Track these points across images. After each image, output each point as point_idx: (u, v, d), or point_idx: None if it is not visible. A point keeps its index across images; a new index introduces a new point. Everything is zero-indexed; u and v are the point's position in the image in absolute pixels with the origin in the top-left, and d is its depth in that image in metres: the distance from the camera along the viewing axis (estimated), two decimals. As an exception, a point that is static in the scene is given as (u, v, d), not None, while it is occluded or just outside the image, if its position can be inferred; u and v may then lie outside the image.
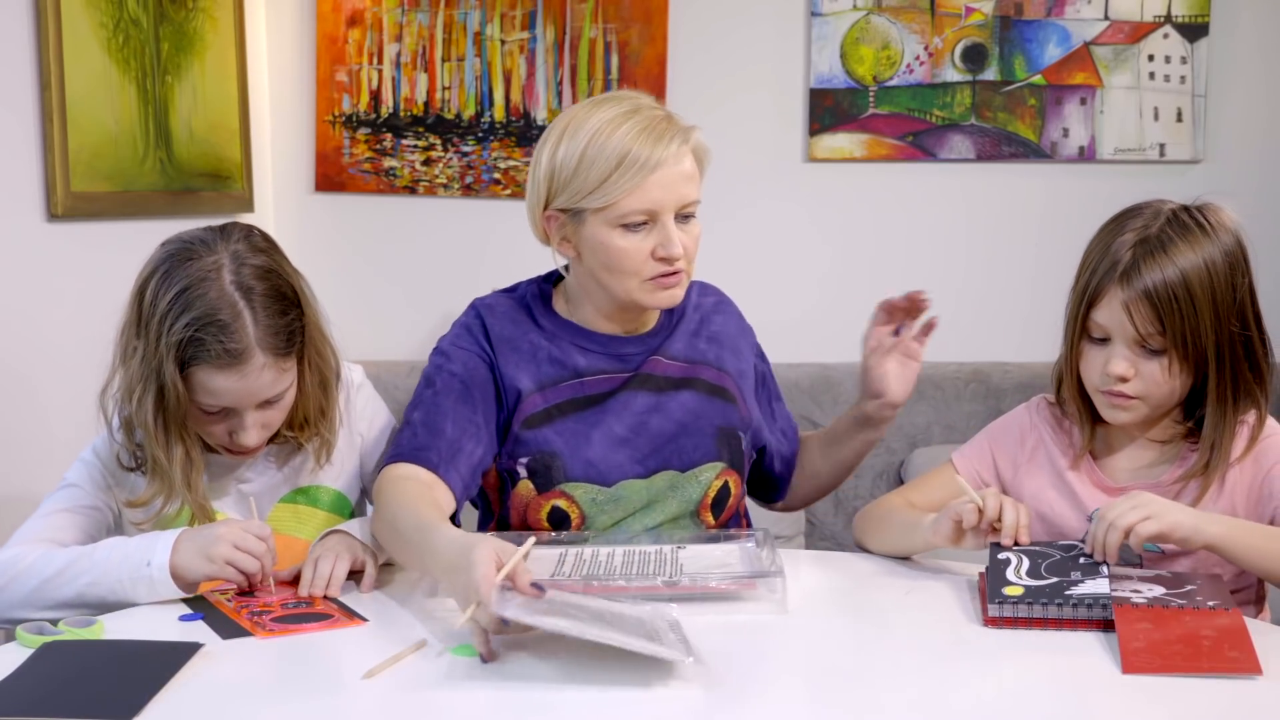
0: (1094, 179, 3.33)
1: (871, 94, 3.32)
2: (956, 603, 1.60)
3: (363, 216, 3.43)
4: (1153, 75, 3.29)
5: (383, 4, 3.35)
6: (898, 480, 3.16)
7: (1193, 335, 1.63)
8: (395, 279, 3.44)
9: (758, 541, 1.75)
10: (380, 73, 3.37)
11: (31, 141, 2.44)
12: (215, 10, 3.05)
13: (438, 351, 1.87)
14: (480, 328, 1.87)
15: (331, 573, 1.64)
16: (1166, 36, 3.27)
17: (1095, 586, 1.52)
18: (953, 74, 3.31)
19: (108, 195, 2.63)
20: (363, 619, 1.56)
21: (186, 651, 1.41)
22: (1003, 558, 1.61)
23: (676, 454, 1.85)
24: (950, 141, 3.34)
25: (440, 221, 3.42)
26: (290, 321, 1.70)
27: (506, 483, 1.85)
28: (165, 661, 1.38)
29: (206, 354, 1.63)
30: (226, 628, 1.53)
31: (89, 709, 1.28)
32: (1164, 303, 1.62)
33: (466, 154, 3.39)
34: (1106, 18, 3.28)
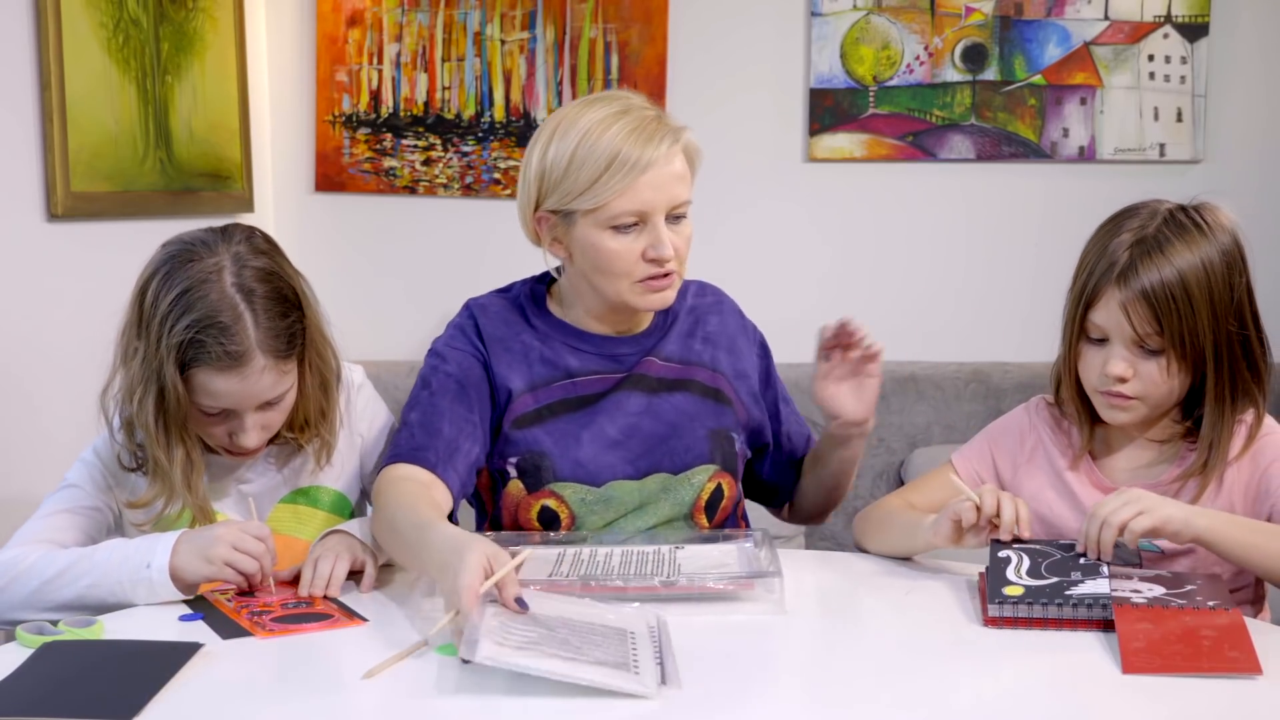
0: (1094, 179, 3.32)
1: (871, 94, 3.32)
2: (956, 603, 1.60)
3: (363, 216, 3.43)
4: (1153, 75, 3.29)
5: (383, 4, 3.35)
6: (898, 480, 3.16)
7: (1190, 335, 1.63)
8: (395, 279, 3.44)
9: (756, 542, 1.74)
10: (380, 73, 3.37)
11: (31, 141, 2.44)
12: (215, 10, 3.05)
13: (433, 353, 1.87)
14: (473, 328, 1.87)
15: (331, 573, 1.64)
16: (1166, 36, 3.27)
17: (1095, 586, 1.52)
18: (953, 74, 3.31)
19: (108, 195, 2.63)
20: (363, 619, 1.56)
21: (186, 651, 1.41)
22: (1003, 556, 1.60)
23: (668, 456, 1.85)
24: (950, 141, 3.34)
25: (440, 221, 3.42)
26: (291, 324, 1.70)
27: (498, 482, 1.85)
28: (165, 661, 1.38)
29: (207, 356, 1.63)
30: (226, 628, 1.53)
31: (89, 709, 1.28)
32: (1162, 303, 1.62)
33: (466, 154, 3.39)
34: (1106, 18, 3.28)
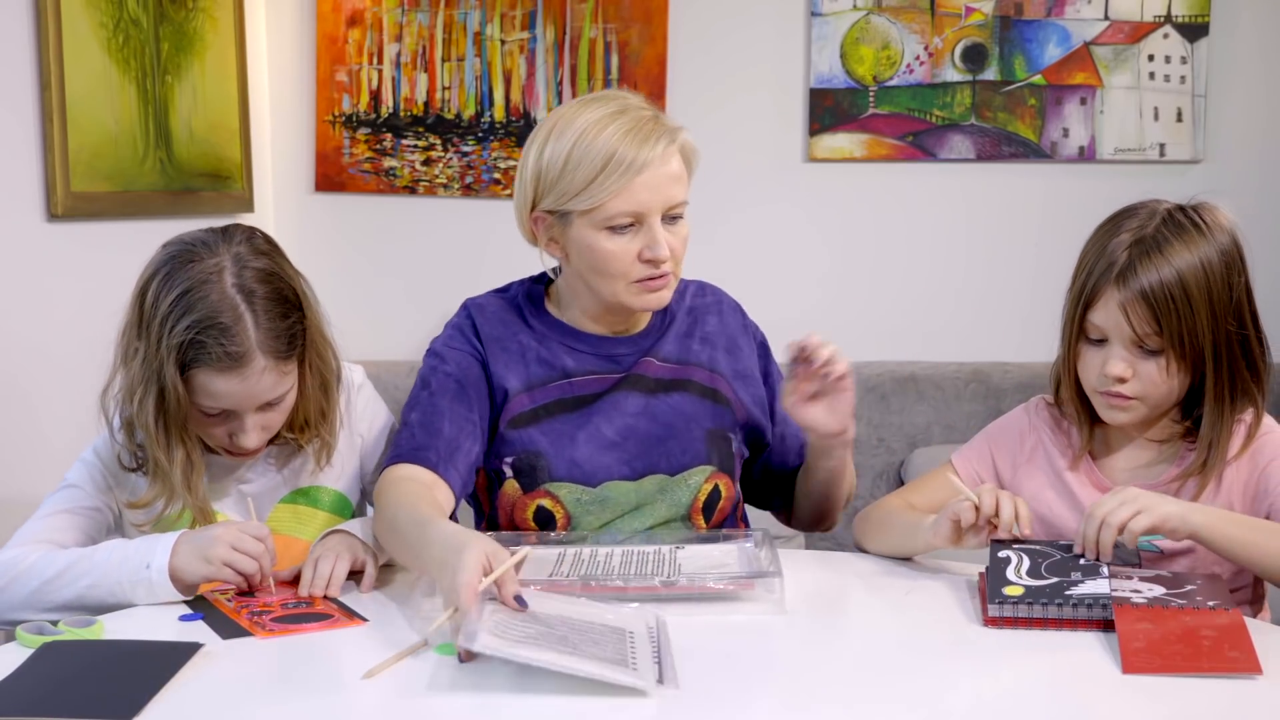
0: (1094, 179, 3.32)
1: (871, 94, 3.32)
2: (956, 603, 1.60)
3: (363, 216, 3.43)
4: (1153, 75, 3.29)
5: (383, 4, 3.35)
6: (898, 480, 3.16)
7: (1190, 335, 1.63)
8: (395, 279, 3.44)
9: (756, 542, 1.74)
10: (380, 73, 3.37)
11: (31, 141, 2.44)
12: (215, 10, 3.05)
13: (431, 353, 1.87)
14: (471, 327, 1.87)
15: (331, 573, 1.64)
16: (1166, 36, 3.27)
17: (1095, 586, 1.52)
18: (953, 74, 3.31)
19: (108, 195, 2.63)
20: (363, 619, 1.56)
21: (186, 651, 1.41)
22: (1003, 556, 1.60)
23: (664, 457, 1.84)
24: (950, 141, 3.34)
25: (440, 221, 3.42)
26: (291, 325, 1.70)
27: (494, 482, 1.85)
28: (165, 661, 1.38)
29: (207, 357, 1.63)
30: (226, 628, 1.53)
31: (89, 709, 1.28)
32: (1161, 303, 1.62)
33: (466, 154, 3.39)
34: (1106, 18, 3.28)
